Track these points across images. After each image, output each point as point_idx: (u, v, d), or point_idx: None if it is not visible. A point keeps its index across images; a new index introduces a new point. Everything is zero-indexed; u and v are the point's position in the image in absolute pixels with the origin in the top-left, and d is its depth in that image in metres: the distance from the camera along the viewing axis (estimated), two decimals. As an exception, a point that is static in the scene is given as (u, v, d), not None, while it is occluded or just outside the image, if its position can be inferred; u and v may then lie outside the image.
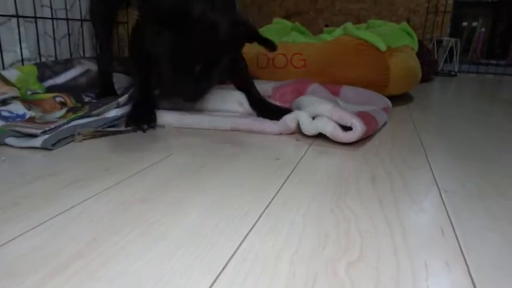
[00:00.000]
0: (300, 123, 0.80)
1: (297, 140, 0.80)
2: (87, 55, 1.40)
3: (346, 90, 1.17)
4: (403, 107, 1.24)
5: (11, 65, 1.16)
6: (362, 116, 0.83)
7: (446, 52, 2.32)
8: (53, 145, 0.71)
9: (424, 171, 0.63)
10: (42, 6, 1.22)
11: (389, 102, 1.11)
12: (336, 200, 0.51)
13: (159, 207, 0.47)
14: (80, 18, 1.35)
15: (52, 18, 1.25)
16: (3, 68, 1.14)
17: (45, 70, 1.14)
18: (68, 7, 1.30)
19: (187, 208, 0.47)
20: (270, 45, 0.86)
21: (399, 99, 1.30)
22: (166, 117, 0.89)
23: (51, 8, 1.24)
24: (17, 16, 1.14)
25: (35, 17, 1.19)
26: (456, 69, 2.32)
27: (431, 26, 2.40)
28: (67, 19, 1.30)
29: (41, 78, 1.11)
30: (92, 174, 0.57)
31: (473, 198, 0.53)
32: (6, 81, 1.02)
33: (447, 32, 2.43)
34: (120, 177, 0.56)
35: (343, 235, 0.42)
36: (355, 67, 1.22)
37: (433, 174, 0.62)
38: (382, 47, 1.22)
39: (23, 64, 1.17)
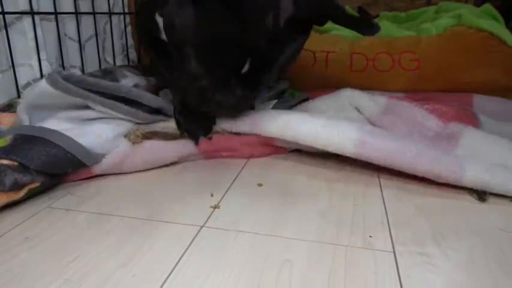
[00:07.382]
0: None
1: None
2: (117, 62, 1.03)
3: (481, 101, 0.91)
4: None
5: (27, 85, 0.79)
6: None
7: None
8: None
9: None
10: (58, -5, 0.84)
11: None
12: None
13: None
14: (107, 10, 0.97)
15: (76, 13, 0.87)
16: (18, 93, 0.77)
17: (80, 91, 0.78)
18: (93, -5, 0.92)
19: None
20: (365, 25, 0.52)
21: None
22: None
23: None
24: (32, 13, 0.76)
25: (55, 13, 0.81)
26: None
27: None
28: (93, 13, 0.92)
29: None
30: None
31: None
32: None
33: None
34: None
35: None
36: (482, 68, 0.96)
37: None
38: (510, 40, 0.97)
39: (43, 83, 0.80)
